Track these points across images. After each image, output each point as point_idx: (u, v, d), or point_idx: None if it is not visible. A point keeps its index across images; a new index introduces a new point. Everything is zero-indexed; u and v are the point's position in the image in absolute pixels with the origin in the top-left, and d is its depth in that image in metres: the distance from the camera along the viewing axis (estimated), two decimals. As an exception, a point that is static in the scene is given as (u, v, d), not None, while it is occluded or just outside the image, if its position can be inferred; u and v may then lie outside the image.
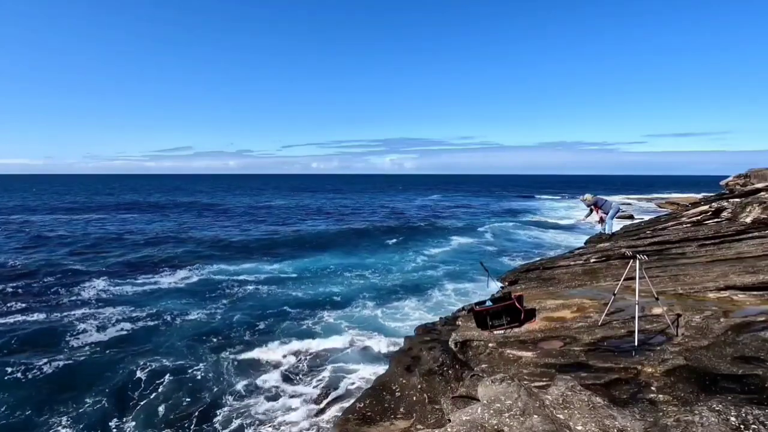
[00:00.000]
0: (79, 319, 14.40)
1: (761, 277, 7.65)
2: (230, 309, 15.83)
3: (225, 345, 12.70)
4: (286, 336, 13.28)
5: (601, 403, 3.61)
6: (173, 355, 11.96)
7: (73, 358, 11.73)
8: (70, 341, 12.82)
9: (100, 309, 15.46)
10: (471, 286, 18.68)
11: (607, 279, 9.84)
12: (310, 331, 13.85)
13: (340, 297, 17.33)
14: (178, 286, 18.90)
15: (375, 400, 7.02)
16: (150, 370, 11.14)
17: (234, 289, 18.21)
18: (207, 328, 13.99)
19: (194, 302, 16.58)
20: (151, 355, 11.91)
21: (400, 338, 12.91)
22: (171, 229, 35.99)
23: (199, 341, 12.93)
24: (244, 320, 14.60)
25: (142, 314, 15.04)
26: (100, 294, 17.34)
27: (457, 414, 3.57)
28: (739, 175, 25.64)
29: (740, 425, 3.18)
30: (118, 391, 10.18)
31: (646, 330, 5.47)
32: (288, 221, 42.65)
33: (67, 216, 44.93)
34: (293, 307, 15.98)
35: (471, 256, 25.15)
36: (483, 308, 6.52)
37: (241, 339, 13.16)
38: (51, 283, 18.63)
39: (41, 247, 26.88)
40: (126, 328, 13.90)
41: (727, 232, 12.72)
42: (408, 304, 16.49)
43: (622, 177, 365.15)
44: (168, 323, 14.43)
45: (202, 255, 25.10)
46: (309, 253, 26.19)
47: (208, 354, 12.12)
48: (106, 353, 12.13)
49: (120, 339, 13.12)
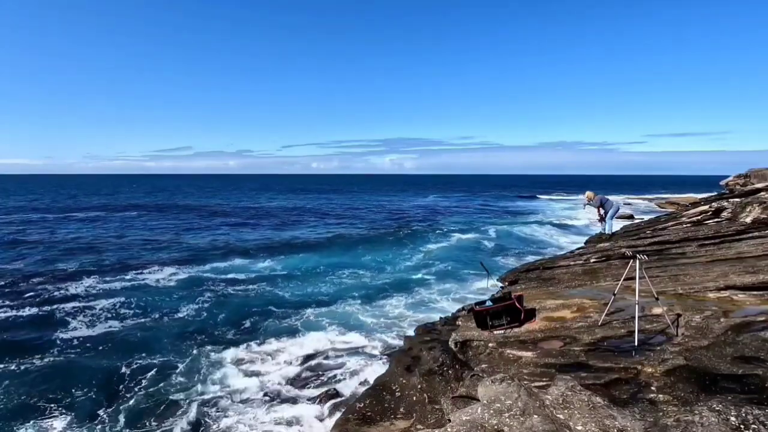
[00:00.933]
0: (69, 315, 14.60)
1: (761, 277, 7.66)
2: (219, 307, 15.86)
3: (211, 342, 12.80)
4: (272, 334, 13.33)
5: (601, 403, 3.61)
6: (159, 352, 12.14)
7: (63, 354, 11.95)
8: (58, 336, 13.05)
9: (88, 305, 15.55)
10: (469, 286, 18.71)
11: (607, 279, 9.85)
12: (296, 329, 13.87)
13: (328, 297, 17.33)
14: (167, 284, 18.95)
15: (375, 400, 7.02)
16: (137, 366, 11.32)
17: (223, 288, 18.18)
18: (194, 325, 14.10)
19: (183, 300, 16.63)
20: (138, 352, 12.08)
21: (392, 338, 13.02)
22: (164, 230, 35.70)
23: (185, 338, 13.06)
24: (231, 318, 14.67)
25: (129, 311, 15.23)
26: (89, 290, 17.37)
27: (457, 414, 3.57)
28: (739, 175, 25.64)
29: (740, 425, 3.18)
30: (104, 386, 10.35)
31: (646, 330, 5.47)
32: (284, 222, 42.52)
33: (62, 214, 44.92)
34: (280, 306, 15.95)
35: (470, 256, 25.14)
36: (483, 308, 6.52)
37: (228, 337, 13.23)
38: (40, 281, 18.67)
39: (31, 248, 26.76)
40: (114, 325, 14.11)
41: (727, 232, 12.72)
42: (397, 303, 16.52)
43: (621, 177, 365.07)
44: (156, 320, 14.59)
45: (195, 255, 24.98)
46: (301, 252, 25.98)
47: (194, 350, 12.23)
48: (93, 349, 12.35)
49: (107, 335, 13.35)
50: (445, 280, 19.77)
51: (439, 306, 16.15)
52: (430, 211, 54.55)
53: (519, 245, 29.20)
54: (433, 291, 18.08)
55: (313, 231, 35.18)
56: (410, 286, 18.85)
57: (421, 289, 18.29)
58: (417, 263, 23.61)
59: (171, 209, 54.56)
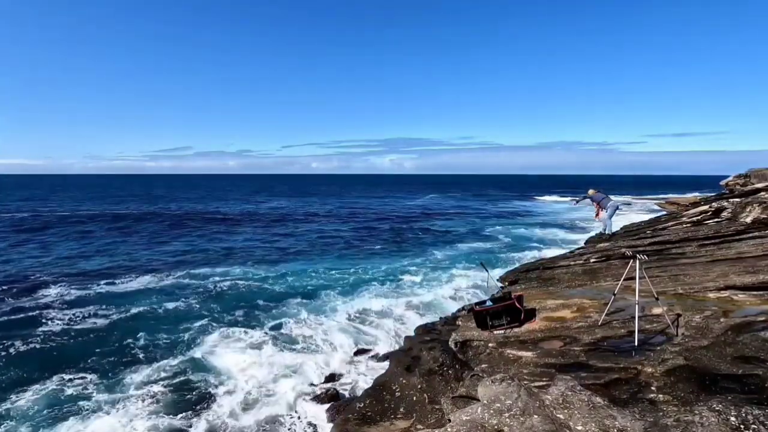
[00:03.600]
0: (53, 317, 14.79)
1: (761, 277, 7.65)
2: (210, 307, 15.96)
3: (198, 342, 12.92)
4: (260, 336, 13.40)
5: (601, 403, 3.61)
6: (146, 349, 12.39)
7: (47, 346, 12.38)
8: (44, 331, 13.41)
9: (73, 307, 15.72)
10: (469, 286, 18.71)
11: (607, 279, 9.85)
12: (283, 331, 13.90)
13: (318, 298, 17.30)
14: (152, 286, 18.91)
15: (375, 400, 7.02)
16: (126, 363, 11.59)
17: (215, 290, 18.17)
18: (184, 324, 14.22)
19: (170, 301, 16.71)
20: (125, 349, 12.36)
21: (392, 338, 13.03)
22: (158, 232, 35.37)
23: (174, 336, 13.26)
24: (220, 319, 14.74)
25: (111, 311, 15.36)
26: (73, 294, 17.48)
27: (457, 414, 3.57)
28: (739, 175, 25.59)
29: (740, 425, 3.18)
30: (91, 381, 10.58)
31: (646, 330, 5.47)
32: (281, 223, 42.42)
33: (50, 220, 44.40)
34: (267, 309, 15.93)
35: (470, 256, 25.15)
36: (483, 308, 6.52)
37: (217, 337, 13.34)
38: (25, 286, 18.64)
39: (19, 251, 26.63)
40: (99, 323, 14.35)
41: (727, 232, 12.72)
42: (397, 303, 16.47)
43: (621, 177, 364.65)
44: (141, 319, 14.75)
45: (184, 259, 24.82)
46: (294, 258, 25.51)
47: (184, 349, 12.43)
48: (80, 344, 12.69)
49: (91, 331, 13.68)
50: (445, 281, 19.78)
51: (439, 306, 16.16)
52: (430, 212, 54.57)
53: (519, 245, 29.20)
54: (433, 291, 18.08)
55: (312, 234, 35.05)
56: (410, 286, 18.88)
57: (421, 289, 18.31)
58: (417, 263, 23.61)
59: (162, 212, 54.14)
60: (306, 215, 50.11)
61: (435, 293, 17.76)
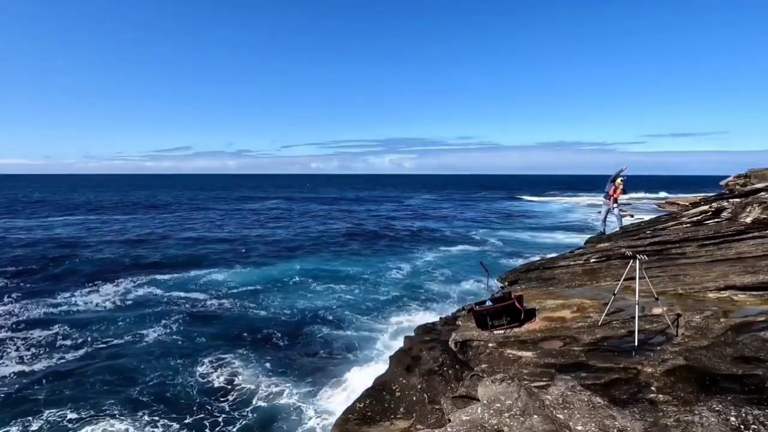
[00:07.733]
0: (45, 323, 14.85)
1: (761, 277, 7.64)
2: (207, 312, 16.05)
3: (193, 349, 12.92)
4: (254, 340, 13.41)
5: (601, 403, 3.60)
6: (142, 349, 12.65)
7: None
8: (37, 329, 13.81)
9: (70, 316, 15.72)
10: (469, 286, 18.71)
11: (607, 279, 9.84)
12: (275, 333, 13.91)
13: (317, 301, 17.31)
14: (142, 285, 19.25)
15: (375, 400, 7.01)
16: (119, 360, 11.84)
17: (212, 294, 18.18)
18: (173, 339, 13.97)
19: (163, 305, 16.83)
20: (114, 347, 12.64)
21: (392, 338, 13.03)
22: (151, 233, 35.37)
23: (169, 345, 13.21)
24: (222, 328, 14.65)
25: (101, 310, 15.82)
26: (69, 299, 17.56)
27: (457, 414, 3.57)
28: (739, 175, 25.55)
29: (740, 425, 3.18)
30: (79, 389, 10.71)
31: (646, 330, 5.47)
32: (278, 224, 42.31)
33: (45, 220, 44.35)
34: (264, 313, 15.95)
35: (470, 256, 25.13)
36: (483, 308, 6.51)
37: (212, 342, 13.32)
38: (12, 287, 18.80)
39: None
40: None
41: (727, 232, 12.71)
42: (397, 303, 16.49)
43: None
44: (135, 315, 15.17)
45: (177, 261, 24.84)
46: (287, 258, 25.56)
47: (184, 356, 12.42)
48: (67, 346, 12.93)
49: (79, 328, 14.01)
50: (444, 281, 19.75)
51: (438, 306, 16.14)
52: (430, 212, 54.54)
53: (518, 245, 29.21)
54: (432, 291, 18.06)
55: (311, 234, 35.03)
56: (410, 286, 18.85)
57: (420, 289, 18.28)
58: (417, 263, 23.59)
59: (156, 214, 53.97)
60: (300, 215, 50.11)
61: (434, 293, 17.76)
